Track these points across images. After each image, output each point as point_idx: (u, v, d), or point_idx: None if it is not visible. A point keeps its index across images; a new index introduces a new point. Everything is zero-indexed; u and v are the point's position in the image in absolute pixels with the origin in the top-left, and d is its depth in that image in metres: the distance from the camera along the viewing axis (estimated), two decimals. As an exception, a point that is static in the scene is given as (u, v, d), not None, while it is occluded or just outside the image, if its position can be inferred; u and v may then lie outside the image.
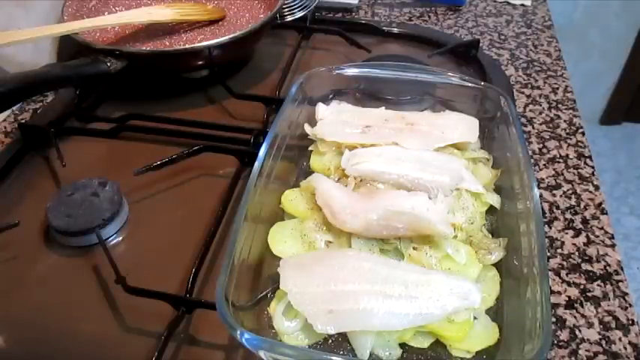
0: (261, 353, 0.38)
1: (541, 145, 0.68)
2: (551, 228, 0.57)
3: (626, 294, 0.51)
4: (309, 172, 0.58)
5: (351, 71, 0.64)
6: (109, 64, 0.66)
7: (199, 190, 0.61)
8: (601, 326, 0.48)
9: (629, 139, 2.15)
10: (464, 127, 0.60)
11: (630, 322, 0.48)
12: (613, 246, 0.55)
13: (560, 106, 0.74)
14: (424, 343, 0.44)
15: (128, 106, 0.72)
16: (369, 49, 0.81)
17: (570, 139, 0.69)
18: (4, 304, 0.50)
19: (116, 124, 0.67)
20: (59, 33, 0.67)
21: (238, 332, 0.38)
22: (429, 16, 0.95)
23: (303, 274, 0.45)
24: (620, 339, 0.47)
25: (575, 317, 0.49)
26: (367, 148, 0.57)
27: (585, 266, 0.53)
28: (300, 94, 0.61)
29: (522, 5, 0.98)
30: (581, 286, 0.51)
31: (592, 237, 0.56)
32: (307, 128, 0.61)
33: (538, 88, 0.77)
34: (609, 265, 0.53)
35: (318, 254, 0.48)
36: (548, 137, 0.69)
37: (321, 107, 0.63)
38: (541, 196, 0.60)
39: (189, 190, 0.61)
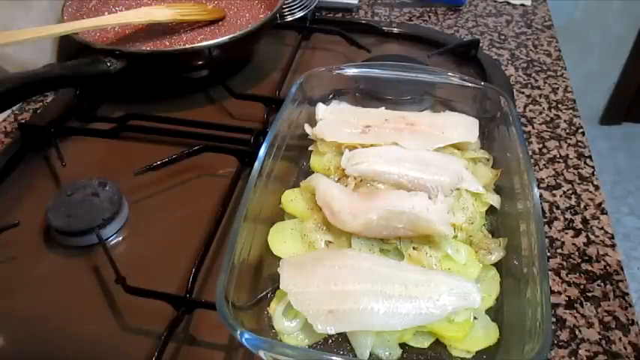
0: (261, 353, 0.38)
1: (541, 145, 0.68)
2: (551, 228, 0.57)
3: (626, 294, 0.51)
4: (309, 172, 0.58)
5: (351, 71, 0.64)
6: (109, 64, 0.66)
7: (199, 190, 0.61)
8: (601, 326, 0.48)
9: (629, 139, 2.15)
10: (464, 127, 0.60)
11: (630, 322, 0.48)
12: (613, 246, 0.55)
13: (560, 106, 0.74)
14: (424, 343, 0.44)
15: (128, 106, 0.72)
16: (369, 49, 0.81)
17: (570, 139, 0.69)
18: (3, 304, 0.50)
19: (116, 124, 0.67)
20: (59, 33, 0.67)
21: (238, 332, 0.38)
22: (429, 16, 0.95)
23: (303, 274, 0.45)
24: (620, 339, 0.47)
25: (575, 317, 0.49)
26: (367, 148, 0.57)
27: (585, 266, 0.53)
28: (300, 94, 0.61)
29: (522, 5, 0.98)
30: (581, 286, 0.51)
31: (592, 237, 0.56)
32: (307, 128, 0.61)
33: (538, 88, 0.77)
34: (609, 265, 0.53)
35: (318, 254, 0.48)
36: (548, 137, 0.69)
37: (320, 107, 0.63)
38: (541, 196, 0.60)
39: (189, 190, 0.61)
